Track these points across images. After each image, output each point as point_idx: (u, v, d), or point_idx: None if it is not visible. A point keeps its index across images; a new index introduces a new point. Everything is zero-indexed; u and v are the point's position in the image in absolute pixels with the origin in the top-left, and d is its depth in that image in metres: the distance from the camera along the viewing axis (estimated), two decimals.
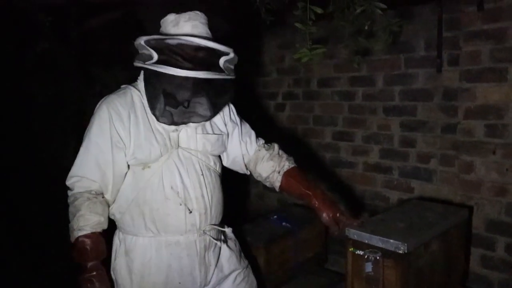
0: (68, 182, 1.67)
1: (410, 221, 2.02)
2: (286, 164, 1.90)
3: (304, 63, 3.21)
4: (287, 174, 1.89)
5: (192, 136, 1.74)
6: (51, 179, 4.12)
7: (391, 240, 1.79)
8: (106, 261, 1.67)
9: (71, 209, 1.64)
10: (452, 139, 2.54)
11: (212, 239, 1.78)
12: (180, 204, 1.69)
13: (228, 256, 1.87)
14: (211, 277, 1.81)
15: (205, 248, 1.77)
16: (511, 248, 2.32)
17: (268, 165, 1.91)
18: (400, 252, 1.76)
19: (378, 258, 1.79)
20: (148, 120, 1.68)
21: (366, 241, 1.88)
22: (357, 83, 2.98)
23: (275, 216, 2.83)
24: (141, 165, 1.67)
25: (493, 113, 2.31)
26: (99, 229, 1.63)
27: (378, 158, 2.92)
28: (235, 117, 1.94)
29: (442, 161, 2.62)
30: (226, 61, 1.63)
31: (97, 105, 1.69)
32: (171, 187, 1.68)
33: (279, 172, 1.90)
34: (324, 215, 1.81)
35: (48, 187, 4.09)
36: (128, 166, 1.68)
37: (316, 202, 1.81)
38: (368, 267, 1.83)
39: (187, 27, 1.64)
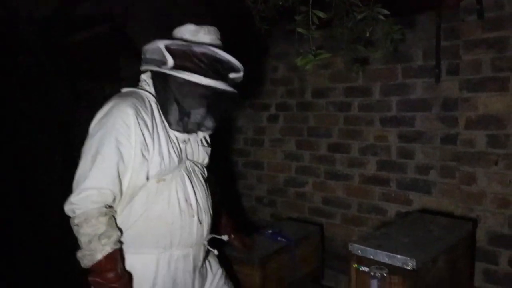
0: (78, 197, 1.46)
1: (415, 235, 1.94)
2: (218, 194, 2.06)
3: (298, 73, 3.18)
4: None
5: (195, 148, 1.75)
6: (37, 194, 3.98)
7: (398, 256, 1.70)
8: None
9: (86, 230, 1.45)
10: (452, 150, 2.48)
11: (210, 248, 1.79)
12: (193, 216, 1.64)
13: (210, 262, 1.88)
14: (204, 286, 1.80)
15: (204, 258, 1.76)
16: None
17: None
18: (408, 268, 1.67)
19: (385, 275, 1.70)
20: (165, 129, 1.61)
21: (371, 257, 1.78)
22: (353, 94, 2.92)
23: (269, 231, 2.72)
24: (157, 177, 1.57)
25: (495, 123, 2.26)
26: (119, 246, 1.51)
27: (375, 170, 2.85)
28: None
29: (442, 173, 2.56)
30: (234, 77, 1.66)
31: (110, 107, 1.54)
32: (185, 200, 1.63)
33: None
34: (236, 242, 2.21)
35: (33, 201, 3.94)
36: (147, 178, 1.56)
37: (231, 232, 2.15)
38: (374, 285, 1.73)
39: (206, 39, 1.62)
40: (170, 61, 1.51)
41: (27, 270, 3.30)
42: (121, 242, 1.55)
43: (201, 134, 1.75)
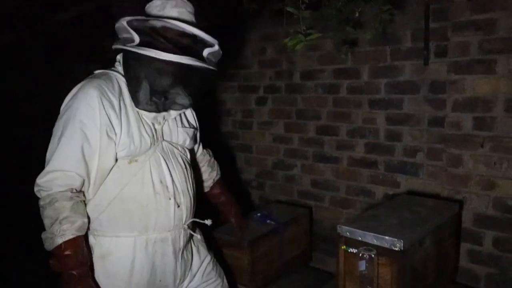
0: (43, 180, 1.46)
1: (403, 216, 1.96)
2: (219, 173, 2.23)
3: (286, 55, 3.15)
4: (217, 182, 2.22)
5: (173, 129, 1.71)
6: (18, 176, 3.91)
7: (386, 237, 1.72)
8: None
9: (49, 212, 1.44)
10: (440, 133, 2.49)
11: (192, 233, 1.77)
12: (170, 199, 1.62)
13: (197, 248, 1.87)
14: (189, 272, 1.79)
15: (186, 243, 1.74)
16: (498, 242, 2.29)
17: (207, 171, 2.16)
18: (396, 249, 1.69)
19: (373, 256, 1.71)
20: (137, 110, 1.57)
21: (360, 238, 1.80)
22: (341, 76, 2.90)
23: (258, 214, 2.73)
24: (128, 158, 1.55)
25: (482, 106, 2.27)
26: (83, 232, 1.49)
27: (364, 152, 2.85)
28: (196, 118, 1.99)
29: (429, 155, 2.57)
30: (209, 53, 1.57)
31: (77, 90, 1.52)
32: (160, 181, 1.60)
33: (213, 180, 2.20)
34: (236, 222, 2.33)
35: (14, 183, 3.87)
36: (116, 159, 1.54)
37: (234, 211, 2.30)
38: (362, 266, 1.75)
39: (173, 12, 1.56)
40: (136, 38, 1.46)
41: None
42: (88, 229, 1.54)
43: (173, 114, 1.68)
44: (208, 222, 1.84)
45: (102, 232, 1.59)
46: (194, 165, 2.00)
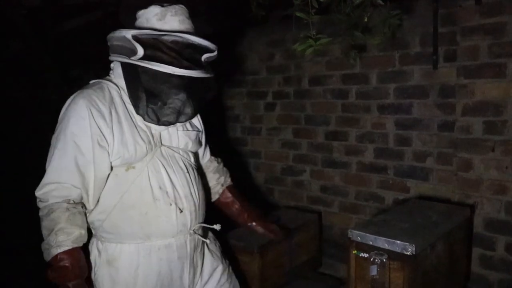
0: (40, 192, 1.49)
1: (414, 221, 1.95)
2: (229, 180, 2.11)
3: (294, 61, 3.16)
4: (227, 189, 2.09)
5: (173, 133, 1.68)
6: (28, 183, 3.94)
7: (398, 241, 1.71)
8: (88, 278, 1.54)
9: (46, 223, 1.46)
10: (450, 137, 2.48)
11: (200, 237, 1.73)
12: (171, 204, 1.59)
13: (210, 255, 1.83)
14: (198, 278, 1.76)
15: (194, 248, 1.71)
16: (511, 247, 2.27)
17: (214, 177, 2.05)
18: (408, 253, 1.68)
19: (384, 260, 1.70)
20: (130, 117, 1.57)
21: (371, 243, 1.79)
22: (350, 81, 2.90)
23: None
24: (124, 165, 1.55)
25: (492, 110, 2.26)
26: (80, 244, 1.49)
27: (373, 157, 2.85)
28: (201, 120, 1.95)
29: (439, 160, 2.56)
30: (207, 58, 1.58)
31: (69, 101, 1.53)
32: (160, 187, 1.58)
33: (222, 185, 2.07)
34: (259, 228, 2.17)
35: (25, 191, 3.90)
36: (111, 167, 1.54)
37: (251, 218, 2.13)
38: (373, 271, 1.74)
39: (174, 22, 1.54)
40: (140, 51, 1.46)
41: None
42: (95, 236, 1.56)
43: (179, 124, 1.69)
44: (217, 227, 1.79)
45: (108, 239, 1.59)
46: (202, 171, 1.99)
